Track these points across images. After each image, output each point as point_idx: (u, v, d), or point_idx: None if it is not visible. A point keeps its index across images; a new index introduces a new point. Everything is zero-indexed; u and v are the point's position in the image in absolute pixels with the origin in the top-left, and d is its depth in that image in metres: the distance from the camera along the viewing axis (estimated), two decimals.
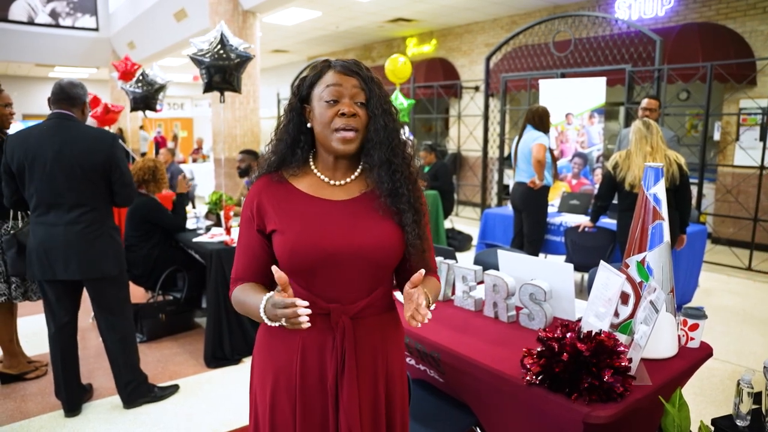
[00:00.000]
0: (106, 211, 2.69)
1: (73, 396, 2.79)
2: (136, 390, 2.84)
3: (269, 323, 1.16)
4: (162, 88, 5.43)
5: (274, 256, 1.27)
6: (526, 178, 4.51)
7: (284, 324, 1.11)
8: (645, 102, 4.37)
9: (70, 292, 2.72)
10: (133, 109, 5.58)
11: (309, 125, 1.26)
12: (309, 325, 1.09)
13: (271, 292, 1.16)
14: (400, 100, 6.46)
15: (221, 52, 3.71)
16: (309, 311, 1.08)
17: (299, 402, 1.24)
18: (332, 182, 1.28)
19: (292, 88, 1.30)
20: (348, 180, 1.29)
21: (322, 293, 1.23)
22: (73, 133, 2.57)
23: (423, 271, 1.16)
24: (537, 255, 4.50)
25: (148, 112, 5.69)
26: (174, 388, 3.01)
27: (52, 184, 2.53)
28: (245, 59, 3.81)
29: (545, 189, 4.53)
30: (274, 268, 1.12)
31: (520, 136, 4.65)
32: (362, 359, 1.26)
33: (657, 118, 4.32)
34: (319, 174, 1.28)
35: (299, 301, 1.08)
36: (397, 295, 1.62)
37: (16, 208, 2.83)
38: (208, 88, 3.79)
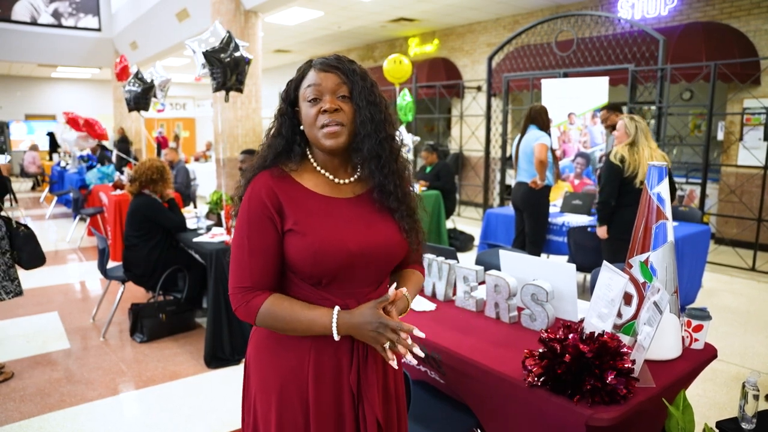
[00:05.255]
0: None
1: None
2: None
3: (337, 337, 1.16)
4: (152, 87, 5.43)
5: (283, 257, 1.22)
6: (528, 178, 4.49)
7: (375, 346, 1.15)
8: (602, 113, 4.84)
9: None
10: (131, 109, 5.59)
11: (301, 127, 1.25)
12: (406, 353, 1.14)
13: (368, 308, 1.15)
14: (408, 100, 6.49)
15: (236, 53, 3.71)
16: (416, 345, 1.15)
17: (312, 404, 1.21)
18: (337, 180, 1.26)
19: (281, 93, 1.28)
20: (352, 179, 1.28)
21: (334, 291, 1.21)
22: None
23: (403, 290, 1.23)
24: (539, 255, 4.48)
25: (143, 112, 5.71)
26: None
27: None
28: (248, 60, 3.85)
29: (546, 189, 4.51)
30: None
31: (521, 136, 4.63)
32: (377, 354, 1.26)
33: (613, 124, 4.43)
34: (321, 170, 1.26)
35: (417, 331, 1.13)
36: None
37: None
38: (220, 87, 3.77)
